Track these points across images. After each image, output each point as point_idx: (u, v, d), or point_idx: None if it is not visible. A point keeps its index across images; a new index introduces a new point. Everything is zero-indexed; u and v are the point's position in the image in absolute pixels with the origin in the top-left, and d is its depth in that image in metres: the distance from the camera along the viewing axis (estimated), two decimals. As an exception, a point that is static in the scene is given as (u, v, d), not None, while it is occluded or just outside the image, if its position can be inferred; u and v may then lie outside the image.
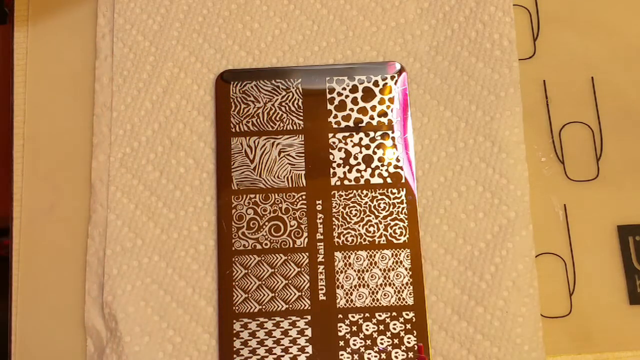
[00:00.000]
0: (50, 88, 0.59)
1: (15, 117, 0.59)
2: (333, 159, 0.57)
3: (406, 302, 0.54)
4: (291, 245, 0.56)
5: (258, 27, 0.60)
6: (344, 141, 0.57)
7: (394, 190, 0.56)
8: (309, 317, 0.54)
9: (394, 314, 0.54)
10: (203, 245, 0.56)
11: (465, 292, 0.55)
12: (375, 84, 0.58)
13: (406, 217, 0.56)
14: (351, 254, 0.55)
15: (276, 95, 0.58)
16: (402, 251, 0.55)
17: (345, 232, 0.56)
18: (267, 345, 0.54)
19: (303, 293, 0.55)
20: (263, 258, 0.55)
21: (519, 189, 0.56)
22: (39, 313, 0.56)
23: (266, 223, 0.56)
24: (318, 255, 0.55)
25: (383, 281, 0.55)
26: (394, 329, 0.54)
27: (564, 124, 0.59)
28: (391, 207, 0.56)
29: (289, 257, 0.55)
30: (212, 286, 0.55)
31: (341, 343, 0.54)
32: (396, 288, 0.55)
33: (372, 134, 0.57)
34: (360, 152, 0.57)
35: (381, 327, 0.54)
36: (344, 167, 0.57)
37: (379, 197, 0.56)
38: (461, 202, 0.56)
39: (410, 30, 0.59)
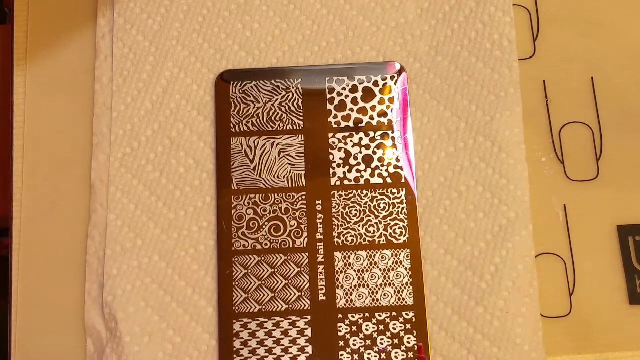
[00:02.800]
0: (50, 88, 0.59)
1: (15, 117, 0.59)
2: (333, 159, 0.57)
3: (406, 302, 0.54)
4: (291, 246, 0.55)
5: (258, 27, 0.60)
6: (344, 141, 0.57)
7: (394, 191, 0.56)
8: (309, 317, 0.54)
9: (394, 314, 0.54)
10: (203, 246, 0.56)
11: (465, 293, 0.55)
12: (375, 84, 0.58)
13: (406, 217, 0.56)
14: (351, 254, 0.55)
15: (276, 95, 0.58)
16: (402, 251, 0.55)
17: (345, 232, 0.56)
18: (267, 346, 0.54)
19: (303, 293, 0.55)
20: (263, 258, 0.55)
21: (519, 189, 0.56)
22: (39, 313, 0.56)
23: (266, 223, 0.56)
24: (318, 256, 0.55)
25: (383, 281, 0.55)
26: (394, 329, 0.54)
27: (564, 124, 0.59)
28: (391, 207, 0.56)
29: (289, 257, 0.55)
30: (212, 286, 0.55)
31: (341, 343, 0.54)
32: (396, 288, 0.55)
33: (372, 134, 0.57)
34: (360, 152, 0.57)
35: (381, 327, 0.54)
36: (344, 167, 0.57)
37: (379, 197, 0.56)
38: (461, 203, 0.56)
39: (410, 31, 0.59)
